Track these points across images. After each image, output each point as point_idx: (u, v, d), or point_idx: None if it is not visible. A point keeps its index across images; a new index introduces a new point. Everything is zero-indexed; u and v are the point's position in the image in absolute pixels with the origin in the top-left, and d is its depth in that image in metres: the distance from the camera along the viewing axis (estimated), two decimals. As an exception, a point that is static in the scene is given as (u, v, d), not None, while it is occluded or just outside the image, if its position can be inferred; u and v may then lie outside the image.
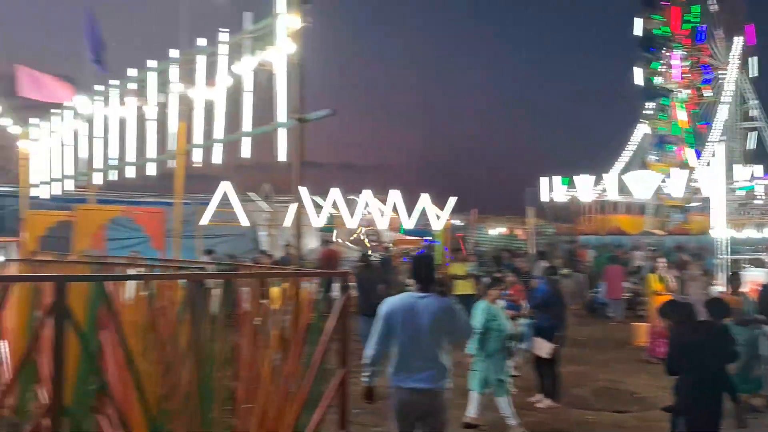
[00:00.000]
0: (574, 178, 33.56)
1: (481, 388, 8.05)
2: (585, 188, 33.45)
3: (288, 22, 6.14)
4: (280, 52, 6.21)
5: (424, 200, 17.66)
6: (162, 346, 5.17)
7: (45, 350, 6.60)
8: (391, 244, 20.88)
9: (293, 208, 15.54)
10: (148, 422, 4.78)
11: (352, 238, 20.96)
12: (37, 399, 7.46)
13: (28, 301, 7.36)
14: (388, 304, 5.26)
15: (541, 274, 11.36)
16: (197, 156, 7.90)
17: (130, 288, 5.57)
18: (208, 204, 15.96)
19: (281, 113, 6.32)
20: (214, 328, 5.21)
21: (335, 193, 16.71)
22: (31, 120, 11.82)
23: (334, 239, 20.76)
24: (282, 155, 6.38)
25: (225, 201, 16.11)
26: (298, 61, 6.05)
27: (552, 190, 33.94)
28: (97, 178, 9.79)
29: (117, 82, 9.42)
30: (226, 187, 15.99)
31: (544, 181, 34.12)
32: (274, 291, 6.02)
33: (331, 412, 5.31)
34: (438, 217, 18.11)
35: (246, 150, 6.87)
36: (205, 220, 15.93)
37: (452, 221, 21.44)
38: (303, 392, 5.20)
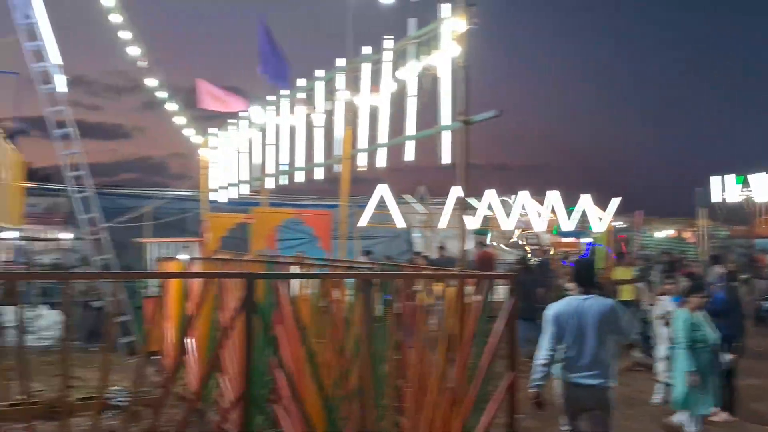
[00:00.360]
0: (750, 177, 30.86)
1: (689, 405, 7.28)
2: (762, 188, 30.62)
3: (453, 25, 6.20)
4: (445, 55, 6.27)
5: (585, 201, 17.05)
6: (333, 342, 5.41)
7: (226, 342, 7.16)
8: (550, 248, 20.34)
9: (449, 210, 15.70)
10: (325, 414, 5.00)
11: (510, 241, 20.65)
12: (219, 388, 8.10)
13: (210, 296, 7.97)
14: (555, 308, 5.45)
15: (719, 279, 10.56)
16: (362, 160, 8.18)
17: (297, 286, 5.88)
18: (364, 206, 16.42)
19: (445, 116, 6.38)
20: (382, 327, 5.35)
21: (490, 195, 16.56)
22: (210, 130, 12.82)
23: (488, 242, 20.59)
24: (446, 158, 6.44)
25: (381, 203, 16.49)
26: (463, 63, 6.07)
27: (724, 190, 31.41)
28: (269, 183, 10.43)
29: (287, 93, 10.01)
30: (382, 190, 16.37)
31: (715, 181, 31.66)
32: (436, 292, 6.08)
33: (498, 416, 5.28)
34: (600, 219, 17.41)
35: (410, 153, 7.01)
36: (363, 222, 16.40)
37: (614, 223, 20.48)
38: (471, 396, 5.19)
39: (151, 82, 12.06)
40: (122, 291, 10.91)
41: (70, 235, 19.03)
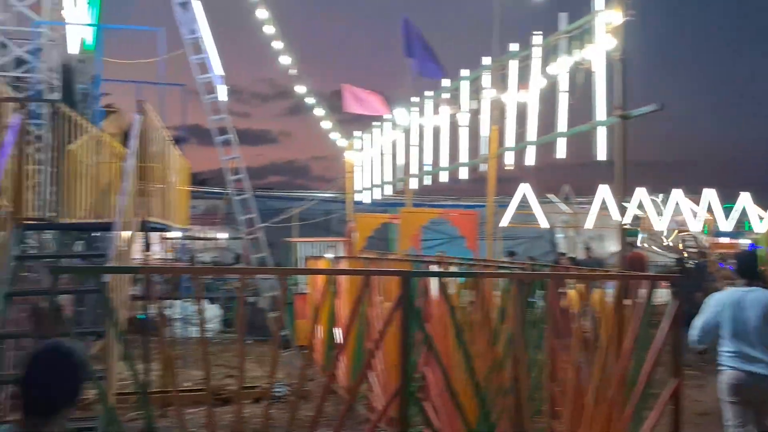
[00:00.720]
0: None
1: None
2: None
3: (608, 17, 5.98)
4: (600, 48, 6.06)
5: (744, 199, 15.83)
6: (484, 340, 5.39)
7: (373, 338, 7.35)
8: (708, 250, 19.07)
9: (595, 209, 15.13)
10: (479, 410, 4.99)
11: (666, 244, 19.61)
12: (368, 382, 8.33)
13: (360, 293, 8.20)
14: (716, 298, 5.37)
15: None
16: (509, 159, 8.10)
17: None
18: (505, 206, 16.20)
19: (601, 111, 6.17)
20: (537, 328, 5.27)
21: (641, 193, 15.78)
22: (356, 133, 13.20)
23: (639, 243, 19.64)
24: (601, 154, 6.22)
25: (523, 203, 16.20)
26: (619, 56, 5.84)
27: None
28: (413, 183, 10.57)
29: (431, 93, 10.10)
30: (525, 189, 16.07)
31: None
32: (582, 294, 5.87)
33: (660, 424, 5.02)
34: (761, 219, 16.09)
35: (561, 150, 6.84)
36: (504, 222, 16.19)
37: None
38: (632, 402, 4.98)
39: (299, 88, 12.61)
40: (277, 287, 11.49)
41: (225, 235, 20.37)
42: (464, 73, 9.10)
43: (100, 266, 5.32)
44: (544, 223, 16.93)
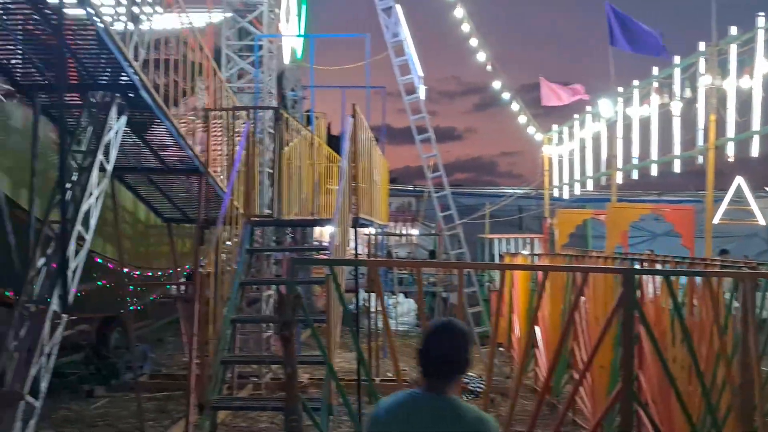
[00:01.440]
0: None
1: None
2: None
3: None
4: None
5: None
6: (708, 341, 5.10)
7: (577, 336, 7.19)
8: None
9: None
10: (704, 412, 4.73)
11: None
12: (571, 381, 8.16)
13: (562, 291, 8.07)
14: None
15: None
16: (730, 150, 7.54)
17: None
18: (718, 201, 14.97)
19: None
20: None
21: None
22: (553, 126, 12.95)
23: None
24: None
25: (736, 197, 14.88)
26: None
27: None
28: (618, 178, 10.15)
29: (637, 82, 9.63)
30: (740, 182, 14.75)
31: None
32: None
33: None
34: None
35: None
36: (717, 218, 14.96)
37: None
38: None
39: (495, 84, 12.62)
40: (474, 284, 11.63)
41: (416, 231, 20.92)
42: (676, 60, 8.61)
43: (332, 259, 5.75)
44: (761, 219, 15.44)
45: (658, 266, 6.66)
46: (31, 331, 5.05)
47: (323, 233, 13.83)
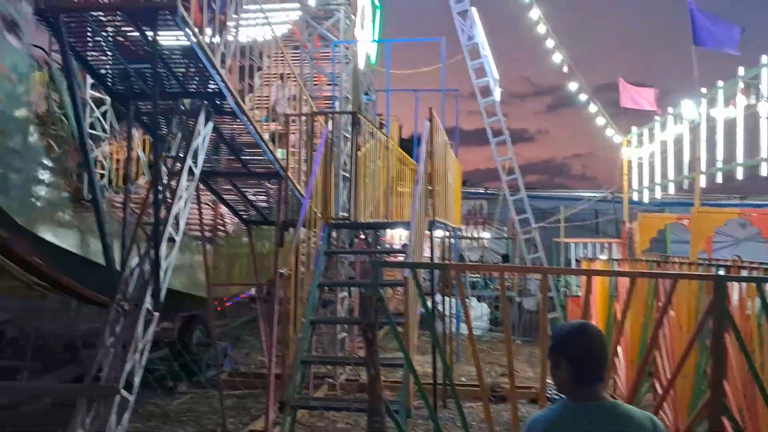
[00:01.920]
0: None
1: None
2: None
3: None
4: None
5: None
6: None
7: (660, 345, 6.97)
8: None
9: None
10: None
11: None
12: (653, 391, 7.92)
13: (643, 297, 7.85)
14: None
15: None
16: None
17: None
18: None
19: None
20: None
21: None
22: (633, 128, 12.62)
23: None
24: None
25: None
26: None
27: None
28: (702, 181, 9.81)
29: (721, 83, 9.29)
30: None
31: None
32: None
33: None
34: None
35: None
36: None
37: None
38: None
39: (572, 85, 12.41)
40: (549, 288, 11.46)
41: (488, 235, 20.77)
42: (764, 59, 8.26)
43: (414, 262, 5.79)
44: None
45: (744, 272, 6.40)
46: (126, 328, 5.30)
47: (393, 236, 13.90)
